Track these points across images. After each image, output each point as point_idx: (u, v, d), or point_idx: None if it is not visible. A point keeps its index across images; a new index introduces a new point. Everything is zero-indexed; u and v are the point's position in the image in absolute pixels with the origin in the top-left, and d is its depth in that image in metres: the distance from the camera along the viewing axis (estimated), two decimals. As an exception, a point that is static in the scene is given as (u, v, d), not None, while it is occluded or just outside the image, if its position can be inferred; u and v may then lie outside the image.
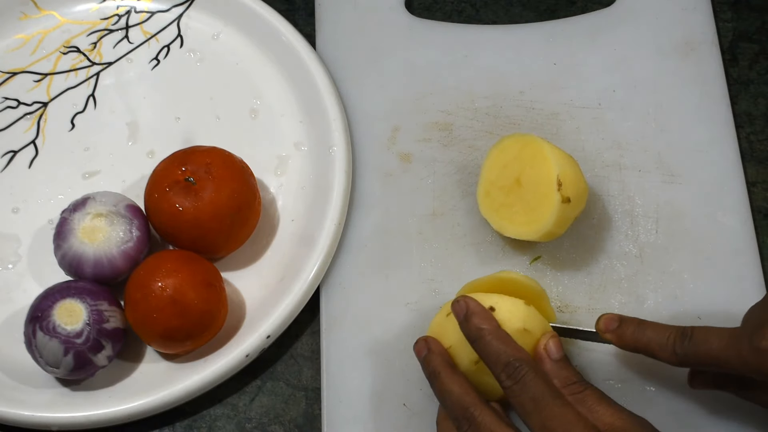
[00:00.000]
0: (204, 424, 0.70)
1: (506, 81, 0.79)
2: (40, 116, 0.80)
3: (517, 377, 0.59)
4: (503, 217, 0.70)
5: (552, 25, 0.81)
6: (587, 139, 0.76)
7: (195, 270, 0.68)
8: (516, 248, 0.73)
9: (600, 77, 0.78)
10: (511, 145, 0.70)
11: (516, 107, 0.78)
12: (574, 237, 0.72)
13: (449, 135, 0.77)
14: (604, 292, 0.71)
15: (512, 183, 0.69)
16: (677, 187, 0.74)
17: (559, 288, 0.71)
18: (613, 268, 0.71)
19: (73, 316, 0.66)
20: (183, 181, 0.70)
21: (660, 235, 0.72)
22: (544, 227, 0.67)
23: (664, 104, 0.77)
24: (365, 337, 0.70)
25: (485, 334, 0.61)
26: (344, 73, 0.80)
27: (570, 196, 0.67)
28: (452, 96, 0.78)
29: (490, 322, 0.62)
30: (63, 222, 0.70)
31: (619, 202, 0.74)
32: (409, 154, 0.76)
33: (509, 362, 0.59)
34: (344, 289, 0.72)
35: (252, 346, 0.69)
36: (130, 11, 0.84)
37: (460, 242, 0.73)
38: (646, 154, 0.75)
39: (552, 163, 0.67)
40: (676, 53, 0.78)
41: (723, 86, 0.77)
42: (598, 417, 0.59)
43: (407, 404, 0.68)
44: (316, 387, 0.71)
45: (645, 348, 0.62)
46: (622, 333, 0.63)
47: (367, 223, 0.74)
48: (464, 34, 0.81)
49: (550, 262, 0.72)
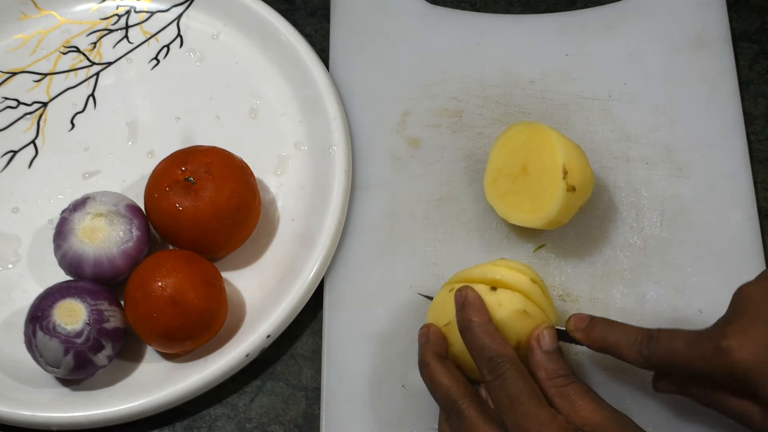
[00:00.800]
0: (204, 424, 0.70)
1: (517, 70, 0.79)
2: (40, 116, 0.80)
3: (498, 373, 0.59)
4: (509, 204, 0.70)
5: (565, 16, 0.81)
6: (596, 131, 0.76)
7: (195, 270, 0.68)
8: (521, 236, 0.73)
9: (611, 69, 0.79)
10: (519, 132, 0.71)
11: (526, 96, 0.78)
12: (579, 227, 0.73)
13: (459, 121, 0.77)
14: (607, 283, 0.71)
15: (519, 170, 0.70)
16: (684, 181, 0.74)
17: (561, 277, 0.71)
18: (617, 258, 0.72)
19: (73, 316, 0.66)
20: (183, 181, 0.70)
21: (665, 228, 0.73)
22: (548, 215, 0.68)
23: (674, 98, 0.77)
24: (367, 318, 0.71)
25: (474, 326, 0.61)
26: (357, 57, 0.80)
27: (575, 185, 0.67)
28: (463, 83, 0.79)
29: (481, 315, 0.62)
30: (63, 222, 0.70)
31: (626, 194, 0.74)
32: (418, 139, 0.77)
33: (492, 357, 0.60)
34: (348, 270, 0.73)
35: (252, 345, 0.69)
36: (129, 11, 0.84)
37: (465, 228, 0.73)
38: (655, 147, 0.75)
39: (558, 151, 0.67)
40: (688, 48, 0.79)
41: (734, 82, 0.77)
42: (577, 411, 0.59)
43: (406, 386, 0.68)
44: (316, 387, 0.71)
45: (612, 348, 0.62)
46: (590, 332, 0.63)
47: (373, 206, 0.75)
48: (477, 22, 0.81)
49: (554, 251, 0.72)
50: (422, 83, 0.79)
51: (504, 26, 0.81)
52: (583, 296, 0.71)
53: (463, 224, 0.74)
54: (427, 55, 0.80)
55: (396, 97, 0.79)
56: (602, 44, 0.80)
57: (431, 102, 0.78)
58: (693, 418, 0.66)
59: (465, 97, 0.78)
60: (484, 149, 0.76)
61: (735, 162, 0.75)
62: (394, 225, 0.74)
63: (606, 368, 0.68)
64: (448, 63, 0.80)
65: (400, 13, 0.82)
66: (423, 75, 0.79)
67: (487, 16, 0.82)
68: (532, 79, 0.79)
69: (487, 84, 0.79)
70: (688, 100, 0.77)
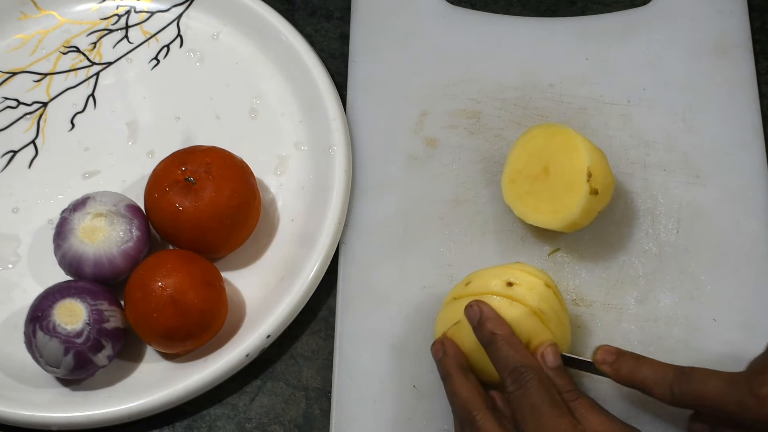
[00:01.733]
0: (204, 424, 0.70)
1: (537, 73, 0.79)
2: (40, 116, 0.80)
3: (521, 383, 0.59)
4: (527, 205, 0.70)
5: (586, 20, 0.81)
6: (614, 136, 0.76)
7: (195, 270, 0.68)
8: (536, 239, 0.73)
9: (630, 75, 0.78)
10: (541, 134, 0.71)
11: (545, 99, 0.78)
12: (595, 231, 0.72)
13: (476, 123, 0.77)
14: (621, 288, 0.71)
15: (540, 171, 0.70)
16: (701, 189, 0.74)
17: (576, 281, 0.71)
18: (632, 264, 0.72)
19: (73, 316, 0.66)
20: (183, 181, 0.70)
21: (681, 234, 0.72)
22: (569, 217, 0.68)
23: (693, 105, 0.77)
24: (380, 317, 0.71)
25: (498, 339, 0.62)
26: (376, 55, 0.80)
27: (598, 188, 0.67)
28: (482, 85, 0.79)
29: (503, 327, 0.62)
30: (63, 222, 0.70)
31: (642, 200, 0.74)
32: (435, 140, 0.77)
33: (516, 368, 0.60)
34: (362, 268, 0.73)
35: (252, 346, 0.69)
36: (129, 11, 0.84)
37: (480, 230, 0.73)
38: (672, 154, 0.75)
39: (583, 153, 0.67)
40: (708, 55, 0.78)
41: (754, 91, 0.77)
42: (588, 425, 0.59)
43: (417, 386, 0.68)
44: (316, 387, 0.71)
45: (641, 384, 0.61)
46: (618, 367, 0.62)
47: (388, 204, 0.75)
48: (498, 24, 0.81)
49: (569, 255, 0.72)
50: (441, 84, 0.79)
51: (524, 29, 0.81)
52: (597, 301, 0.71)
53: (479, 226, 0.74)
54: (446, 56, 0.80)
55: (414, 97, 0.79)
56: (622, 49, 0.79)
57: (449, 103, 0.78)
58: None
59: (483, 98, 0.78)
60: (501, 151, 0.76)
61: (753, 170, 0.74)
62: (408, 225, 0.74)
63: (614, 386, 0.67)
64: (468, 64, 0.79)
65: (420, 13, 0.82)
66: (442, 75, 0.79)
67: (507, 18, 0.82)
68: (551, 82, 0.78)
69: (506, 86, 0.78)
70: (707, 107, 0.77)
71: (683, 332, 0.69)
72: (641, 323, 0.69)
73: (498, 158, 0.76)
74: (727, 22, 0.80)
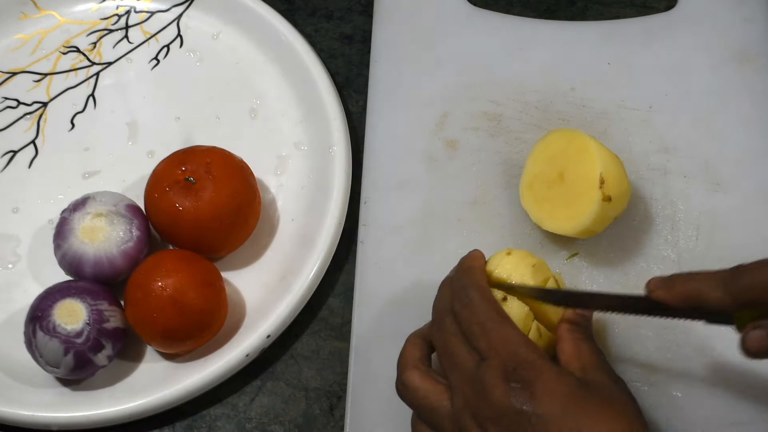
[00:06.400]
0: (204, 424, 0.70)
1: (558, 76, 0.79)
2: (40, 116, 0.80)
3: (465, 301, 0.59)
4: (543, 211, 0.70)
5: (608, 24, 0.81)
6: (635, 141, 0.75)
7: (195, 270, 0.68)
8: (554, 243, 0.72)
9: (653, 80, 0.78)
10: (558, 139, 0.70)
11: (566, 103, 0.78)
12: (613, 237, 0.72)
13: (497, 125, 0.77)
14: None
15: (555, 177, 0.69)
16: (722, 196, 0.73)
17: (593, 286, 0.71)
18: (650, 271, 0.71)
19: (73, 316, 0.66)
20: (183, 181, 0.70)
21: (700, 242, 0.72)
22: (581, 224, 0.67)
23: (716, 112, 0.76)
24: (396, 318, 0.70)
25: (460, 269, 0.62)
26: (398, 54, 0.80)
27: (611, 195, 0.67)
28: (503, 87, 0.78)
29: (478, 261, 0.63)
30: (63, 222, 0.70)
31: (662, 206, 0.73)
32: (456, 141, 0.76)
33: (463, 286, 0.60)
34: (379, 269, 0.72)
35: (252, 346, 0.69)
36: (129, 11, 0.84)
37: (498, 232, 0.73)
38: (693, 161, 0.74)
39: (596, 160, 0.67)
40: (732, 62, 0.78)
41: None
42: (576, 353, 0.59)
43: None
44: (316, 387, 0.71)
45: (695, 296, 0.58)
46: (670, 287, 0.59)
47: (407, 205, 0.74)
48: (520, 27, 0.81)
49: (587, 260, 0.71)
50: (462, 85, 0.78)
51: (546, 32, 0.81)
52: None
53: (497, 228, 0.73)
54: (468, 57, 0.80)
55: (435, 97, 0.78)
56: (645, 54, 0.79)
57: (470, 104, 0.78)
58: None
59: (505, 101, 0.78)
60: (521, 154, 0.75)
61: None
62: (427, 226, 0.74)
63: (634, 381, 0.67)
64: (489, 66, 0.79)
65: (443, 14, 0.82)
66: (463, 77, 0.79)
67: (529, 20, 0.82)
68: (572, 86, 0.78)
69: (528, 89, 0.78)
70: (730, 115, 0.76)
71: (701, 340, 0.68)
72: (658, 330, 0.69)
73: (518, 161, 0.75)
74: (751, 30, 0.79)
